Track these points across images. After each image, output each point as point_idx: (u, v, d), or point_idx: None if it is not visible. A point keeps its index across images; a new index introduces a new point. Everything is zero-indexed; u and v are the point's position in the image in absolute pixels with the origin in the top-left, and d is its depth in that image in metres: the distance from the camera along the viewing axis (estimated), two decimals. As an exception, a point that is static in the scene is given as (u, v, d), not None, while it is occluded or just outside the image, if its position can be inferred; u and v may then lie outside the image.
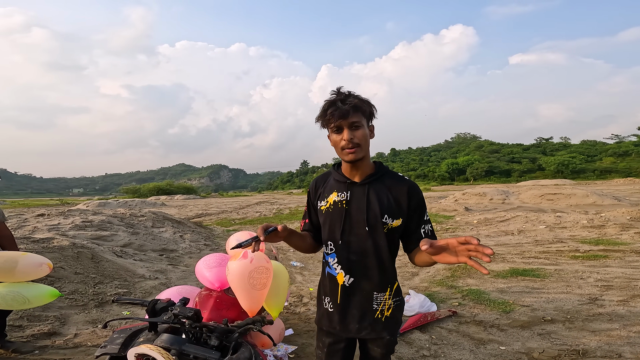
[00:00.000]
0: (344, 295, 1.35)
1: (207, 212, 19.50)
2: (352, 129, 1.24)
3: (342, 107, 1.22)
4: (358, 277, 1.33)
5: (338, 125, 1.25)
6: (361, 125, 1.25)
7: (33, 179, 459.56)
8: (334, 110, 1.23)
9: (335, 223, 1.34)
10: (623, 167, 73.45)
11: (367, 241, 1.30)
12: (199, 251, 7.50)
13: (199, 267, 1.90)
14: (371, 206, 1.29)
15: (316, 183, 1.48)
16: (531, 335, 3.09)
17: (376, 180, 1.33)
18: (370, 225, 1.29)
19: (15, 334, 3.08)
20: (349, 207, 1.32)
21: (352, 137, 1.24)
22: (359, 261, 1.32)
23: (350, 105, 1.22)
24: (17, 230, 6.48)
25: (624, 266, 5.10)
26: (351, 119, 1.23)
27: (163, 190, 68.07)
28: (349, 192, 1.34)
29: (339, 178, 1.38)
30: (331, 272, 1.37)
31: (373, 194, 1.31)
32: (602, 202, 14.88)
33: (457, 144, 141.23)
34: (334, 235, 1.34)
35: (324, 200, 1.40)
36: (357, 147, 1.25)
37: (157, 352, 1.07)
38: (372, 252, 1.31)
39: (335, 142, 1.29)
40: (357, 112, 1.24)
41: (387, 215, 1.29)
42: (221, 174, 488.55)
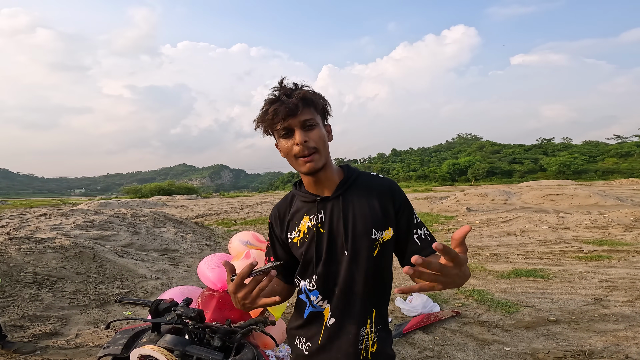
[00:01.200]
0: (326, 337, 1.05)
1: (208, 212, 19.52)
2: (305, 129, 0.97)
3: (288, 102, 0.95)
4: (339, 316, 1.04)
5: (286, 126, 0.97)
6: (316, 124, 0.99)
7: (35, 179, 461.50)
8: (277, 106, 0.96)
9: (314, 253, 1.05)
10: (625, 167, 73.26)
11: (350, 269, 1.02)
12: (200, 251, 7.50)
13: (201, 267, 1.89)
14: (350, 223, 1.02)
15: (278, 211, 1.16)
16: (536, 336, 3.06)
17: (350, 187, 1.06)
18: (353, 249, 1.01)
19: (17, 334, 3.07)
20: (326, 230, 1.04)
21: (306, 140, 0.96)
22: (341, 297, 1.04)
23: (299, 98, 0.96)
24: (19, 230, 6.49)
25: (629, 267, 5.07)
26: (302, 116, 0.96)
27: (164, 190, 68.23)
28: (321, 211, 1.05)
29: (305, 198, 1.09)
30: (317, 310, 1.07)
31: (352, 207, 1.04)
32: (604, 203, 14.83)
33: (459, 145, 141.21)
34: (317, 269, 1.05)
35: (295, 231, 1.10)
36: (314, 152, 0.98)
37: (160, 353, 1.05)
38: (359, 283, 1.02)
39: (286, 150, 1.00)
40: (308, 107, 0.98)
41: (376, 229, 1.01)
42: (222, 174, 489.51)
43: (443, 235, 8.78)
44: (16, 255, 4.35)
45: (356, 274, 1.02)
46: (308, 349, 1.08)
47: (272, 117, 0.96)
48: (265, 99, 1.01)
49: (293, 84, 1.01)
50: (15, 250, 4.48)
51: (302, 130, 0.97)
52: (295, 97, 0.96)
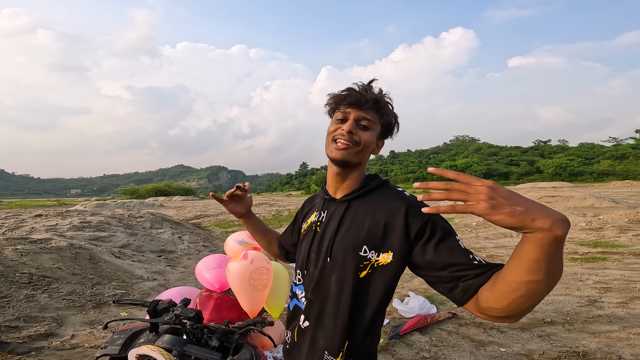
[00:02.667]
0: (298, 336, 1.02)
1: (206, 213, 19.47)
2: (358, 124, 0.96)
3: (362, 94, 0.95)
4: (312, 321, 0.99)
5: (345, 112, 0.96)
6: (371, 128, 0.96)
7: (30, 179, 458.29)
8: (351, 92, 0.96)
9: (304, 249, 1.05)
10: (620, 169, 73.79)
11: (329, 279, 0.95)
12: (197, 252, 7.48)
13: (198, 268, 1.90)
14: (342, 231, 0.95)
15: (304, 203, 1.23)
16: (531, 337, 3.09)
17: (362, 196, 0.98)
18: (334, 258, 0.94)
19: (12, 335, 3.05)
20: (321, 231, 1.01)
21: (352, 132, 0.94)
22: (315, 302, 0.98)
23: (373, 98, 0.95)
24: (15, 231, 6.45)
25: (623, 268, 5.11)
26: (364, 114, 0.95)
27: (161, 191, 67.95)
28: (325, 211, 1.04)
29: (320, 194, 1.12)
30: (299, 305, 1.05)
31: (351, 215, 0.96)
32: (600, 205, 14.93)
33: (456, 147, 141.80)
34: (302, 264, 1.04)
35: (305, 222, 1.14)
36: (354, 144, 0.95)
37: (158, 353, 1.06)
38: (334, 296, 0.94)
39: (330, 131, 0.99)
40: (375, 111, 0.96)
41: (369, 247, 0.90)
42: (220, 175, 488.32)
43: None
44: (12, 256, 4.33)
45: (332, 286, 0.94)
46: (288, 343, 1.07)
47: (341, 97, 0.97)
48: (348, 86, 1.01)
49: (379, 89, 0.99)
50: (10, 250, 4.46)
51: (355, 124, 0.96)
52: (371, 95, 0.96)
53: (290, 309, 1.10)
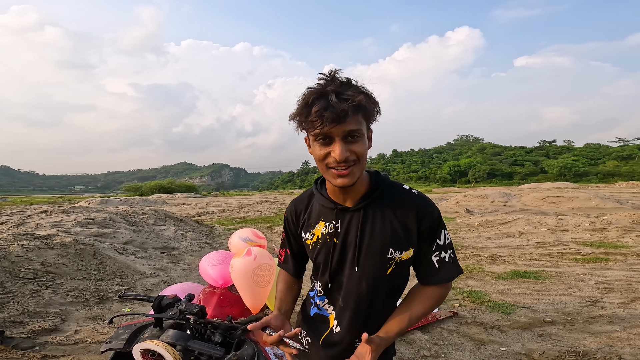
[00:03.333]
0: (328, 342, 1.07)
1: (208, 210, 19.55)
2: (347, 141, 0.84)
3: (337, 106, 0.79)
4: (345, 328, 1.04)
5: (326, 133, 0.83)
6: (361, 136, 0.86)
7: (36, 176, 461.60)
8: (323, 108, 0.80)
9: (323, 261, 1.04)
10: (626, 170, 73.28)
11: (358, 285, 0.99)
12: (199, 249, 7.53)
13: (202, 264, 1.92)
14: (366, 239, 0.97)
15: (295, 208, 1.12)
16: (531, 336, 3.09)
17: (374, 201, 0.98)
18: (364, 266, 0.98)
19: (16, 330, 3.09)
20: (340, 242, 1.00)
21: (347, 155, 0.84)
22: (346, 309, 1.03)
23: (351, 105, 0.80)
24: (20, 227, 6.52)
25: (625, 269, 5.10)
26: (348, 126, 0.82)
27: (165, 188, 68.26)
28: (338, 221, 1.00)
29: (324, 203, 1.03)
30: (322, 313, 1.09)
31: (371, 222, 0.97)
32: (604, 205, 14.86)
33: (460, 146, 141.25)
34: (324, 276, 1.05)
35: (309, 233, 1.07)
36: (352, 166, 0.87)
37: (162, 348, 1.07)
38: (365, 300, 1.00)
39: (320, 157, 0.88)
40: (357, 114, 0.83)
41: (394, 249, 0.96)
42: (223, 172, 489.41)
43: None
44: (17, 252, 4.38)
45: (364, 291, 0.99)
46: (307, 344, 1.12)
47: (315, 120, 0.82)
48: (310, 90, 0.85)
49: (347, 80, 0.85)
50: (16, 246, 4.51)
51: (344, 143, 0.84)
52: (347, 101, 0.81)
53: (311, 316, 1.13)
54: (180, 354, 1.13)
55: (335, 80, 0.85)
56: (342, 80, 0.85)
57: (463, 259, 6.22)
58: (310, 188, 1.13)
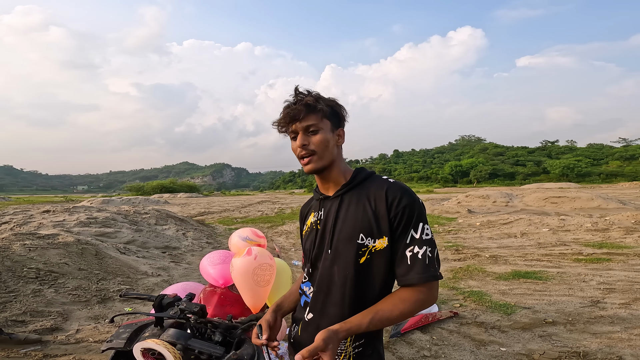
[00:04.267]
0: (303, 329, 1.11)
1: (210, 210, 19.59)
2: (307, 134, 1.04)
3: (293, 108, 1.03)
4: (316, 313, 1.07)
5: (293, 129, 1.05)
6: (319, 129, 1.04)
7: (39, 175, 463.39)
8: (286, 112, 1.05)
9: (308, 247, 1.13)
10: (629, 170, 72.94)
11: (331, 269, 1.04)
12: (201, 249, 7.55)
13: (203, 263, 1.93)
14: (339, 223, 1.04)
15: (303, 207, 1.29)
16: (532, 337, 3.09)
17: (352, 189, 1.07)
18: (335, 250, 1.04)
19: (18, 329, 3.10)
20: (321, 228, 1.10)
21: (305, 144, 1.04)
22: (319, 293, 1.07)
23: (303, 104, 1.03)
24: (23, 226, 6.56)
25: (627, 269, 5.08)
26: (305, 122, 1.03)
27: (166, 188, 68.44)
28: (322, 209, 1.12)
29: (315, 196, 1.19)
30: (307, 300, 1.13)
31: (345, 208, 1.06)
32: (606, 206, 14.80)
33: (462, 147, 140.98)
34: (308, 262, 1.14)
35: (305, 225, 1.21)
36: (312, 154, 1.04)
37: (163, 347, 1.08)
38: (338, 284, 1.03)
39: (294, 151, 1.09)
40: (312, 114, 1.03)
41: (365, 235, 0.99)
42: (224, 172, 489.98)
43: (443, 236, 8.80)
44: (20, 251, 4.40)
45: (335, 276, 1.03)
46: (292, 337, 1.16)
47: (282, 121, 1.06)
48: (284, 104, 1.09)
49: (306, 91, 1.07)
50: (18, 246, 4.53)
51: (304, 135, 1.04)
52: (299, 103, 1.03)
53: (301, 305, 1.17)
54: (180, 352, 1.14)
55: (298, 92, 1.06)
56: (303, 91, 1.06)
57: (464, 259, 6.21)
58: None
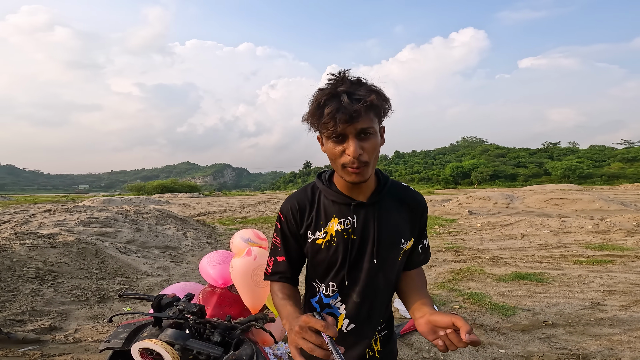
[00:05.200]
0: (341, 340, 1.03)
1: (210, 210, 19.60)
2: (360, 139, 0.86)
3: (349, 107, 0.81)
4: (360, 323, 1.04)
5: (340, 132, 0.85)
6: (374, 133, 0.87)
7: (40, 175, 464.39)
8: (335, 109, 0.82)
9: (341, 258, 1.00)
10: (631, 172, 72.75)
11: (376, 277, 1.01)
12: (201, 249, 7.55)
13: (202, 264, 1.93)
14: (384, 232, 0.99)
15: (298, 206, 1.04)
16: (531, 339, 3.09)
17: (384, 197, 1.03)
18: (382, 258, 1.00)
19: (17, 329, 3.10)
20: (358, 237, 0.99)
21: (360, 153, 0.85)
22: (363, 303, 1.02)
23: (364, 105, 0.82)
24: (24, 226, 6.57)
25: (628, 271, 5.07)
26: (361, 124, 0.84)
27: (167, 188, 68.52)
28: (354, 216, 0.99)
29: (336, 198, 1.01)
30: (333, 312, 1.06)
31: (386, 216, 1.00)
32: (608, 208, 14.77)
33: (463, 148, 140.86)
34: (339, 274, 1.01)
35: (320, 232, 1.01)
36: (364, 166, 0.88)
37: (161, 347, 1.09)
38: (382, 291, 1.04)
39: (334, 155, 0.90)
40: (370, 113, 0.85)
41: (403, 239, 1.03)
42: (225, 172, 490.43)
43: (444, 237, 8.79)
44: (20, 250, 4.41)
45: (381, 282, 1.03)
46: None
47: (328, 121, 0.84)
48: (321, 91, 0.87)
49: (357, 79, 0.87)
50: (19, 245, 4.55)
51: (357, 140, 0.85)
52: (360, 102, 0.83)
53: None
54: (178, 353, 1.14)
55: (346, 80, 0.86)
56: (353, 79, 0.87)
57: (464, 260, 6.20)
58: (310, 183, 1.09)
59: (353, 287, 1.02)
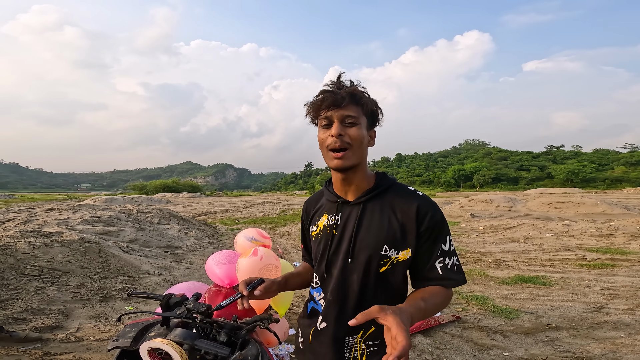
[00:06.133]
0: (314, 338, 1.08)
1: (212, 210, 19.63)
2: (344, 124, 0.97)
3: (336, 93, 0.96)
4: (329, 323, 1.04)
5: (328, 116, 0.97)
6: (357, 123, 0.97)
7: (43, 173, 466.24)
8: (325, 96, 0.97)
9: (321, 252, 1.07)
10: (635, 176, 72.43)
11: (350, 278, 1.01)
12: (202, 249, 7.56)
13: (209, 263, 1.94)
14: (362, 232, 1.00)
15: (307, 205, 1.23)
16: (535, 342, 3.08)
17: (375, 197, 1.03)
18: (356, 259, 1.00)
19: (19, 327, 3.10)
20: (338, 233, 1.04)
21: (341, 134, 0.95)
22: (335, 302, 1.03)
23: (348, 92, 0.96)
24: (27, 224, 6.60)
25: (631, 275, 5.05)
26: (346, 111, 0.96)
27: (169, 187, 68.66)
28: (339, 214, 1.05)
29: (329, 197, 1.11)
30: (316, 307, 1.10)
31: (369, 217, 1.01)
32: (611, 211, 14.71)
33: (465, 150, 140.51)
34: (320, 267, 1.08)
35: (314, 225, 1.14)
36: (347, 147, 0.96)
37: (170, 347, 1.09)
38: (354, 294, 1.01)
39: (322, 141, 1.00)
40: (354, 105, 0.97)
41: (389, 246, 0.98)
42: (226, 173, 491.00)
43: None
44: (24, 249, 4.43)
45: (354, 284, 1.00)
46: (302, 344, 1.14)
47: (318, 103, 0.98)
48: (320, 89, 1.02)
49: (349, 81, 1.01)
50: (23, 243, 4.56)
51: (341, 124, 0.96)
52: (345, 90, 0.97)
53: (307, 312, 1.14)
54: (187, 352, 1.14)
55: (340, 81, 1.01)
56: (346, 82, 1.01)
57: (467, 263, 6.19)
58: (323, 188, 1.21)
59: (329, 284, 1.05)
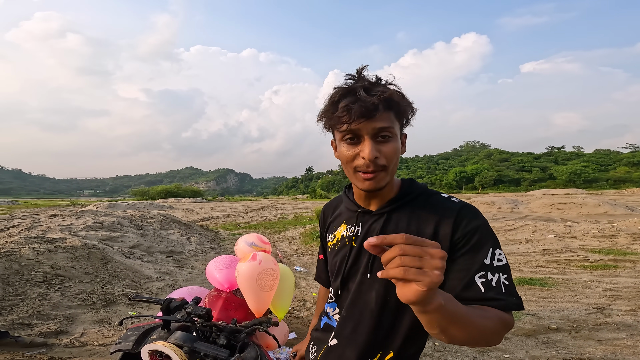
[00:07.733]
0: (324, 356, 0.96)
1: (213, 215, 19.67)
2: (377, 141, 0.76)
3: (366, 100, 0.73)
4: (342, 339, 0.91)
5: (354, 130, 0.76)
6: (393, 135, 0.77)
7: (46, 179, 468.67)
8: (351, 102, 0.74)
9: (338, 265, 0.95)
10: (637, 176, 72.14)
11: (368, 294, 0.87)
12: (204, 254, 7.58)
13: (209, 268, 1.96)
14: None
15: (325, 211, 1.10)
16: (536, 343, 3.08)
17: (401, 207, 0.87)
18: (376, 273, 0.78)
19: (24, 332, 3.14)
20: (357, 245, 0.91)
21: (377, 156, 0.76)
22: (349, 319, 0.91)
23: (380, 98, 0.73)
24: (31, 230, 6.64)
25: (634, 276, 5.03)
26: (379, 123, 0.75)
27: (171, 193, 68.84)
28: (359, 224, 0.92)
29: (349, 206, 0.97)
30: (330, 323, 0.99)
31: (393, 229, 0.86)
32: (614, 212, 14.65)
33: (466, 153, 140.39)
34: (336, 281, 0.96)
35: (331, 235, 1.01)
36: (381, 171, 0.78)
37: (170, 349, 1.11)
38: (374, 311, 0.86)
39: (347, 159, 0.80)
40: (389, 111, 0.76)
41: None
42: (228, 177, 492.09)
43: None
44: (28, 255, 4.47)
45: (373, 302, 0.86)
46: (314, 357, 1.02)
47: (342, 114, 0.75)
48: (337, 89, 0.79)
49: (375, 77, 0.78)
50: (27, 249, 4.60)
51: (374, 142, 0.76)
52: (376, 95, 0.73)
53: (321, 326, 1.04)
54: (187, 355, 1.17)
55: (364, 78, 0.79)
56: (371, 78, 0.79)
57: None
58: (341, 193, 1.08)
59: (345, 299, 0.94)
